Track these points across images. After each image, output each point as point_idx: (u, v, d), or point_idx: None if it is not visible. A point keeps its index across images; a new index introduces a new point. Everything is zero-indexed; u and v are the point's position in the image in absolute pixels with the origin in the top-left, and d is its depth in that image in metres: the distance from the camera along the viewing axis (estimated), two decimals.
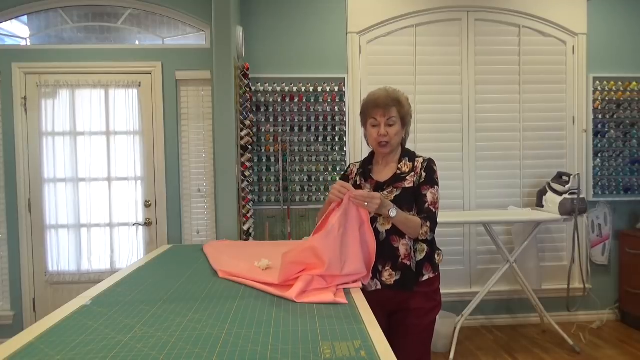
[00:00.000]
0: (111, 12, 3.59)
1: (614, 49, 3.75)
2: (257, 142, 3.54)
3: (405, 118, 1.85)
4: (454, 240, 3.71)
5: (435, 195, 1.78)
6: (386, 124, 1.80)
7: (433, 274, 1.83)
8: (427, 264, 1.82)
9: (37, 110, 3.43)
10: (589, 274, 3.75)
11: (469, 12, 3.67)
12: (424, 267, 1.81)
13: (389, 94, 1.82)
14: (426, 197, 1.77)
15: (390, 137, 1.80)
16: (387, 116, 1.80)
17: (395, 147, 1.85)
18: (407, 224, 1.71)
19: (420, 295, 1.81)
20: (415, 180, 1.80)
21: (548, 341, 3.42)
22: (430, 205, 1.76)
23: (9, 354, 1.02)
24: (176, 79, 3.51)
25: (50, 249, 3.48)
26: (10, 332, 3.38)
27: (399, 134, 1.84)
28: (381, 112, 1.80)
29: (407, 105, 1.86)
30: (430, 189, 1.78)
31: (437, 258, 1.87)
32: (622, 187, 3.74)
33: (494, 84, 3.69)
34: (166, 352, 1.02)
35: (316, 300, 1.36)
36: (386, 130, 1.80)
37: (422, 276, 1.81)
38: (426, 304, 1.82)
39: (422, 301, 1.81)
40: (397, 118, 1.81)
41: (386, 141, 1.80)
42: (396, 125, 1.81)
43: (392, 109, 1.80)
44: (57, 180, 3.45)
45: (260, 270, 1.70)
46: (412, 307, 1.80)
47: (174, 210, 3.54)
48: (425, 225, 1.73)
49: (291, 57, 3.58)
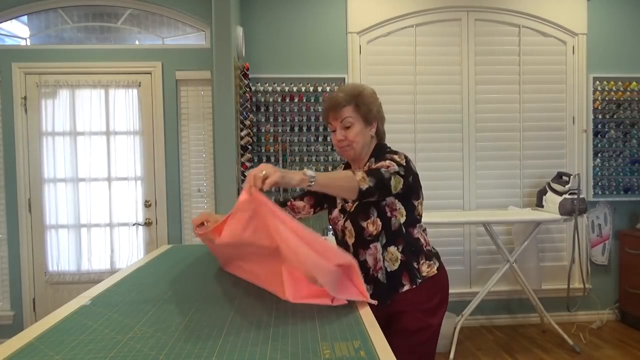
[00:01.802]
0: (111, 12, 3.59)
1: (613, 49, 3.75)
2: (257, 142, 3.54)
3: (369, 115, 1.59)
4: (454, 240, 3.71)
5: (385, 163, 1.48)
6: (342, 127, 1.58)
7: (411, 286, 1.58)
8: (404, 274, 1.59)
9: (37, 110, 3.43)
10: (589, 274, 3.75)
11: (469, 12, 3.67)
12: (402, 277, 1.59)
13: (342, 92, 1.60)
14: (373, 164, 1.54)
15: (349, 140, 1.58)
16: (341, 118, 1.58)
17: (360, 149, 1.61)
18: (335, 181, 1.39)
19: (407, 314, 1.58)
20: None
21: (548, 341, 3.41)
22: (376, 167, 1.48)
23: (8, 354, 1.02)
24: (176, 79, 3.51)
25: (50, 249, 3.48)
26: (10, 332, 3.37)
27: (362, 134, 1.59)
28: (333, 114, 1.59)
29: (370, 100, 1.60)
30: (381, 162, 1.50)
31: (422, 268, 1.60)
32: (622, 187, 3.74)
33: (494, 84, 3.69)
34: (166, 352, 1.02)
35: (313, 301, 1.26)
36: (343, 135, 1.58)
37: (401, 287, 1.58)
38: (411, 324, 1.57)
39: (408, 320, 1.58)
40: (356, 117, 1.58)
41: (346, 145, 1.59)
42: (355, 126, 1.58)
43: (346, 109, 1.57)
44: (57, 180, 3.45)
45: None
46: (396, 326, 1.59)
47: (174, 210, 3.54)
48: (361, 173, 1.41)
49: (291, 57, 3.58)
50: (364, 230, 1.58)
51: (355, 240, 1.60)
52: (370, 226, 1.58)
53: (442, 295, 1.64)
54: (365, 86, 1.64)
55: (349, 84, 1.66)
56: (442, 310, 1.65)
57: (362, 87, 1.62)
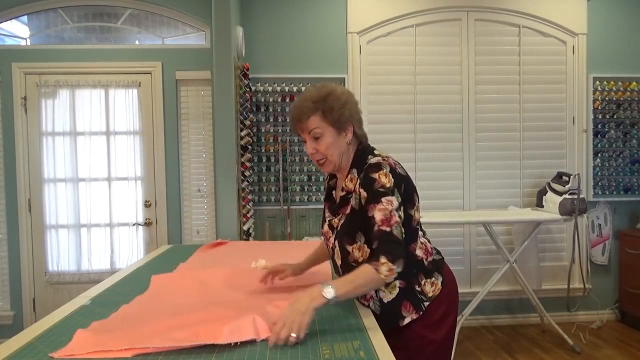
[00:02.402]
0: (111, 12, 3.59)
1: (613, 49, 3.74)
2: (257, 142, 3.54)
3: (340, 120, 1.36)
4: (454, 240, 3.71)
5: (386, 209, 1.27)
6: (311, 139, 1.37)
7: (417, 314, 1.38)
8: (404, 303, 1.37)
9: (37, 110, 3.42)
10: (589, 274, 3.75)
11: (469, 12, 3.66)
12: (403, 307, 1.37)
13: (306, 100, 1.37)
14: (374, 218, 1.28)
15: (321, 154, 1.37)
16: (308, 130, 1.36)
17: (338, 160, 1.39)
18: (358, 286, 1.23)
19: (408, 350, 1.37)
20: (354, 202, 1.36)
21: (548, 341, 3.41)
22: (381, 226, 1.27)
23: (8, 354, 1.02)
24: (176, 79, 3.51)
25: (50, 249, 3.47)
26: (10, 332, 3.35)
27: (335, 144, 1.37)
28: (300, 125, 1.37)
29: (339, 103, 1.36)
30: (377, 206, 1.28)
31: (426, 288, 1.39)
32: (622, 187, 3.74)
33: (494, 84, 3.69)
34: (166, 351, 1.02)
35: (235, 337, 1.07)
36: (314, 147, 1.37)
37: (401, 319, 1.37)
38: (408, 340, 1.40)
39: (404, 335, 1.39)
40: (325, 126, 1.35)
41: (320, 158, 1.39)
42: (325, 137, 1.36)
43: (312, 119, 1.35)
44: (57, 180, 3.45)
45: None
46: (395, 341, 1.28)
47: (174, 210, 3.54)
48: (381, 262, 1.22)
49: (291, 57, 3.58)
50: (348, 254, 1.37)
51: (341, 262, 1.41)
52: (355, 252, 1.36)
53: (446, 304, 1.43)
54: (333, 86, 1.40)
55: (314, 86, 1.41)
56: (448, 321, 1.44)
57: (329, 89, 1.38)
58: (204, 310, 1.30)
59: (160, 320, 1.21)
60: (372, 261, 1.24)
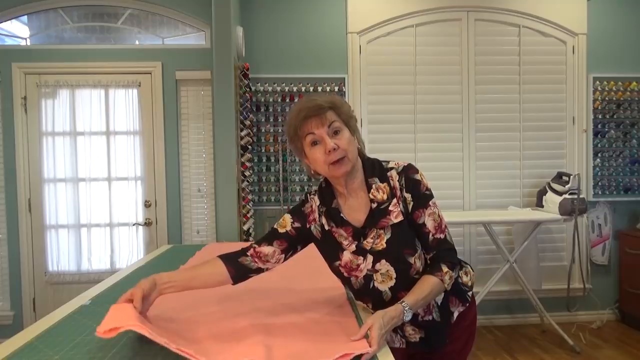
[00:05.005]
0: (111, 12, 3.59)
1: (614, 49, 3.74)
2: (257, 142, 3.54)
3: (350, 122, 1.30)
4: (454, 240, 3.68)
5: (434, 214, 1.30)
6: (331, 134, 1.25)
7: (463, 306, 1.40)
8: (452, 298, 1.38)
9: (37, 110, 3.42)
10: (589, 274, 3.75)
11: (469, 12, 3.66)
12: (450, 303, 1.38)
13: (312, 99, 1.29)
14: (426, 226, 1.29)
15: (343, 150, 1.24)
16: (327, 123, 1.25)
17: (354, 162, 1.29)
18: (428, 302, 1.26)
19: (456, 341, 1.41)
20: (402, 208, 1.29)
21: (548, 341, 3.41)
22: (436, 234, 1.29)
23: (8, 354, 1.02)
24: (176, 79, 3.51)
25: (50, 249, 3.47)
26: (10, 332, 3.35)
27: (353, 144, 1.28)
28: (316, 121, 1.25)
29: (346, 106, 1.32)
30: (425, 211, 1.29)
31: (464, 279, 1.43)
32: (622, 187, 3.74)
33: (494, 84, 3.69)
34: (166, 351, 1.02)
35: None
36: (335, 143, 1.24)
37: (451, 316, 1.38)
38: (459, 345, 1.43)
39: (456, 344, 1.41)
40: (341, 122, 1.28)
41: (340, 156, 1.24)
42: (344, 131, 1.27)
43: (329, 113, 1.26)
44: (57, 180, 3.45)
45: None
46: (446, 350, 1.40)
47: (174, 210, 3.54)
48: (444, 272, 1.25)
49: (291, 57, 3.58)
50: (410, 267, 1.28)
51: (396, 282, 1.28)
52: (417, 262, 1.28)
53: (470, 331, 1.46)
54: (335, 95, 1.39)
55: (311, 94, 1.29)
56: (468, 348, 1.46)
57: (334, 96, 1.34)
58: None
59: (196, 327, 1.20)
60: (434, 272, 1.25)
